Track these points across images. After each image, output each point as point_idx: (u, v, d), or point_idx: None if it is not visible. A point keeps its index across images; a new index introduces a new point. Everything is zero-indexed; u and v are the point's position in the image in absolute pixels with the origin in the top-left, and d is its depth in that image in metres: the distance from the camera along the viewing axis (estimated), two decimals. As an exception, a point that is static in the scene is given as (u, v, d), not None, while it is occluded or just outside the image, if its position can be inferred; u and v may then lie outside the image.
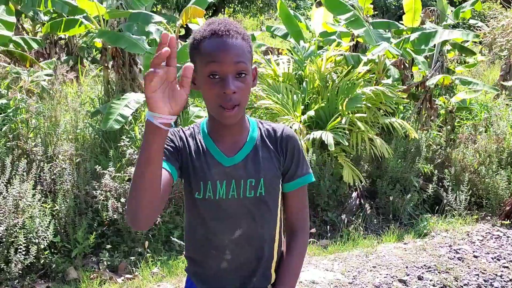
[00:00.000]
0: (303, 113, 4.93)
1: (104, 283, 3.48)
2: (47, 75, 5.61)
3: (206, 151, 1.51)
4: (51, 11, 6.26)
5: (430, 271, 3.75)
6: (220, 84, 1.36)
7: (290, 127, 4.52)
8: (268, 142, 1.54)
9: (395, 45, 5.74)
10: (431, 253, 4.05)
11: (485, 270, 3.84)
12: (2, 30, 5.36)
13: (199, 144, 1.52)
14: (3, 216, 3.28)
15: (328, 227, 4.56)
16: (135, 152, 4.12)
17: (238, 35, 1.40)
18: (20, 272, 3.30)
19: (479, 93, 6.50)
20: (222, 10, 19.74)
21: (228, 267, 1.54)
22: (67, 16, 5.72)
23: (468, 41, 10.96)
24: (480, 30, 10.03)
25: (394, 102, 5.39)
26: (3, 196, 3.36)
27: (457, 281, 3.64)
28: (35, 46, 6.00)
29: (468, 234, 4.51)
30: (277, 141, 1.55)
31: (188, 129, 1.56)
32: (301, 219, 1.61)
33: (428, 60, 6.73)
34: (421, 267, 3.81)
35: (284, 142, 1.55)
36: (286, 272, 1.57)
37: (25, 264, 3.28)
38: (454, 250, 4.15)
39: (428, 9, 6.94)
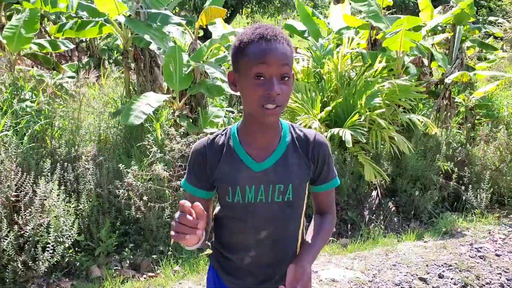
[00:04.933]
0: (321, 111, 4.94)
1: (127, 281, 3.54)
2: (70, 77, 5.71)
3: (236, 156, 1.55)
4: (72, 14, 6.37)
5: (451, 269, 3.73)
6: (265, 85, 1.40)
7: (310, 127, 4.53)
8: (299, 148, 1.58)
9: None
10: (451, 252, 4.03)
11: (507, 268, 3.80)
12: (26, 33, 5.48)
13: (229, 150, 1.56)
14: (30, 215, 3.36)
15: (348, 226, 4.57)
16: (158, 151, 4.18)
17: (284, 40, 1.45)
18: (46, 270, 3.38)
19: (498, 82, 6.42)
20: (240, 10, 19.78)
21: (251, 263, 1.59)
22: (88, 19, 5.82)
23: (489, 36, 10.79)
24: (501, 26, 9.88)
25: (413, 98, 5.36)
26: (29, 197, 3.44)
27: (478, 279, 3.61)
28: (62, 47, 6.11)
29: (489, 233, 4.47)
30: (309, 148, 1.58)
31: (217, 136, 1.60)
32: (331, 208, 1.70)
33: (448, 57, 6.67)
34: (442, 265, 3.79)
35: (316, 150, 1.59)
36: (308, 248, 1.59)
37: (51, 262, 3.36)
38: (476, 248, 4.11)
39: (447, 5, 6.87)
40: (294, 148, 1.57)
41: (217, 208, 1.69)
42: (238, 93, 1.53)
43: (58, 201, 3.53)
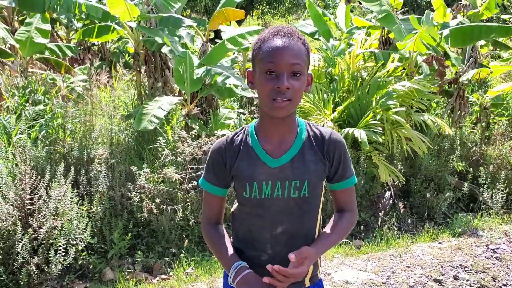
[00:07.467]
0: (333, 111, 4.91)
1: (140, 284, 3.55)
2: (81, 80, 5.75)
3: (253, 153, 1.59)
4: (84, 17, 6.42)
5: (466, 271, 3.68)
6: (276, 80, 1.45)
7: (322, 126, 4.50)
8: (315, 146, 1.61)
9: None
10: (467, 253, 3.97)
11: (524, 270, 3.74)
12: (38, 38, 5.54)
13: (247, 147, 1.60)
14: (43, 218, 3.38)
15: (361, 227, 4.53)
16: (170, 154, 4.19)
17: (299, 39, 1.50)
18: (59, 272, 3.39)
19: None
20: (251, 11, 19.79)
21: (268, 260, 1.59)
22: (100, 23, 5.85)
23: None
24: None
25: (426, 98, 5.30)
26: (43, 200, 3.46)
27: (495, 281, 3.56)
28: (69, 53, 6.16)
29: (506, 233, 4.40)
30: (324, 145, 1.61)
31: (236, 134, 1.65)
32: (350, 206, 1.72)
33: (461, 56, 6.60)
34: (457, 266, 3.74)
35: (332, 148, 1.61)
36: (321, 240, 1.63)
37: (64, 265, 3.37)
38: (491, 249, 4.06)
39: (460, 3, 6.80)
40: (310, 145, 1.60)
41: (235, 205, 1.71)
42: (255, 93, 1.56)
43: (71, 204, 3.55)
